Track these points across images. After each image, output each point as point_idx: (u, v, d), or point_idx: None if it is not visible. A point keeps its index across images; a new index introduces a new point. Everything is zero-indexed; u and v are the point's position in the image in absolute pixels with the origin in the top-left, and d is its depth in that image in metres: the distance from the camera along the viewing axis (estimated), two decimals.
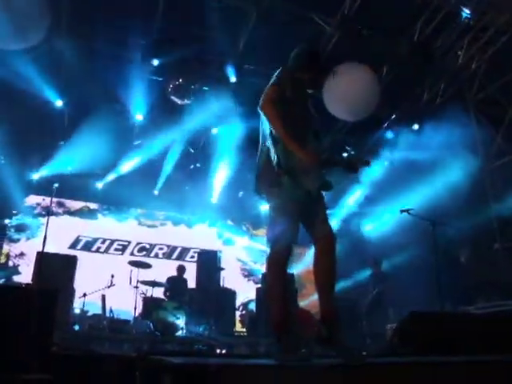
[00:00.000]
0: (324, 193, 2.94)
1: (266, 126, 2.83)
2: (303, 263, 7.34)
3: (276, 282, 2.75)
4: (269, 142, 2.80)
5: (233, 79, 7.90)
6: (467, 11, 6.74)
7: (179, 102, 7.93)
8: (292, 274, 7.17)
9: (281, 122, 2.67)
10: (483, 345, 3.46)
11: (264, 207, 11.30)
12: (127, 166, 9.75)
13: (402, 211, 5.66)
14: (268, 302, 2.82)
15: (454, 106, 7.46)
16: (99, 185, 10.36)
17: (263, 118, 2.82)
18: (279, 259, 2.76)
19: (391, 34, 7.25)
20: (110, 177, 10.07)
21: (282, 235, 2.73)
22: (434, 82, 8.20)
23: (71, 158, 9.48)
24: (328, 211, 2.93)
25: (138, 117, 8.67)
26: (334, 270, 2.78)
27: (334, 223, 8.53)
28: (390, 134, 9.01)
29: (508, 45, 7.07)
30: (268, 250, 2.83)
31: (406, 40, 7.32)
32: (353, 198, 9.95)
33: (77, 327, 6.77)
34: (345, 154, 7.15)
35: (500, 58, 7.26)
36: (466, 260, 6.92)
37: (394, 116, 8.62)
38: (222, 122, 9.01)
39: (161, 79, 8.03)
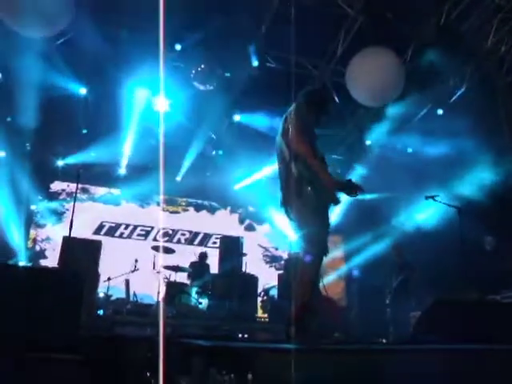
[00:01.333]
0: None
1: (283, 148, 3.32)
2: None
3: (309, 286, 3.11)
4: (288, 159, 3.26)
5: (255, 63, 7.85)
6: None
7: (201, 87, 7.92)
8: None
9: (315, 158, 3.17)
10: (508, 333, 3.41)
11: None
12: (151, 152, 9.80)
13: (427, 197, 5.59)
14: (296, 297, 3.11)
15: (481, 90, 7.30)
16: (123, 171, 10.47)
17: (281, 141, 3.34)
18: (318, 265, 3.16)
19: (416, 16, 7.08)
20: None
21: (320, 236, 3.18)
22: (460, 66, 7.99)
23: (95, 145, 9.60)
24: None
25: (162, 103, 8.68)
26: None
27: None
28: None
29: None
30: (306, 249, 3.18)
31: (431, 23, 7.15)
32: None
33: (101, 312, 6.89)
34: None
35: None
36: (491, 248, 6.79)
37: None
38: (244, 109, 8.99)
39: (183, 65, 8.02)
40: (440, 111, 8.45)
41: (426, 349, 2.62)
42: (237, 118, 9.31)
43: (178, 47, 7.52)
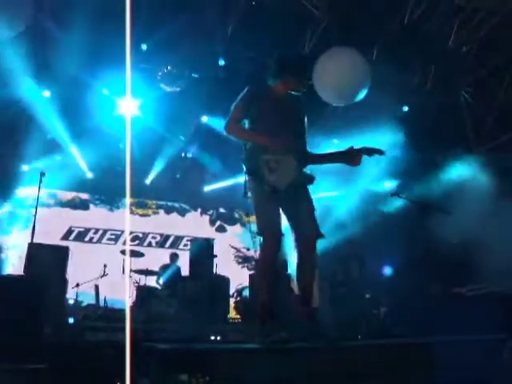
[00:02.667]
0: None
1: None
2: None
3: (264, 273, 2.99)
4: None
5: (221, 63, 7.84)
6: None
7: (168, 89, 7.87)
8: (285, 261, 7.20)
9: (243, 131, 3.09)
10: (471, 325, 3.50)
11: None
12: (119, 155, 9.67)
13: (392, 194, 5.68)
14: (257, 288, 2.96)
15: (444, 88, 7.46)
16: (90, 175, 10.30)
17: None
18: (267, 252, 2.95)
19: (381, 16, 7.19)
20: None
21: (265, 230, 2.95)
22: (424, 64, 8.16)
23: (61, 148, 9.42)
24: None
25: (129, 106, 8.57)
26: (315, 271, 3.05)
27: None
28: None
29: (499, 26, 7.04)
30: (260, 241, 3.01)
31: (395, 22, 7.28)
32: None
33: (71, 320, 6.76)
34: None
35: (491, 39, 7.23)
36: (457, 241, 6.95)
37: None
38: (211, 110, 8.97)
39: (149, 67, 7.95)
40: (405, 108, 8.59)
41: (394, 343, 2.67)
42: (204, 119, 9.27)
43: (143, 47, 7.43)
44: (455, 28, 7.35)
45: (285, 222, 3.08)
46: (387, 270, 8.61)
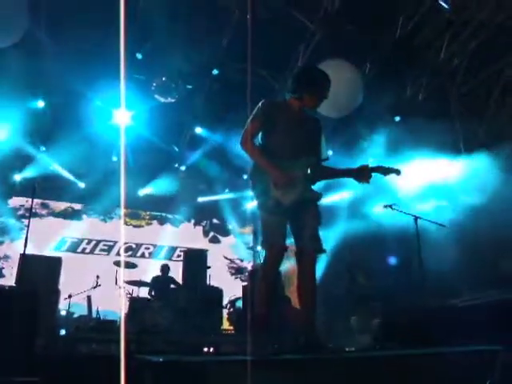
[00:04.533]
0: None
1: None
2: (291, 260, 7.33)
3: (264, 286, 2.99)
4: None
5: (215, 72, 7.89)
6: (447, 6, 6.79)
7: (163, 100, 7.89)
8: (279, 272, 7.19)
9: (254, 151, 3.04)
10: (466, 336, 3.51)
11: (250, 205, 11.37)
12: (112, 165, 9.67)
13: (385, 206, 5.71)
14: (256, 300, 3.01)
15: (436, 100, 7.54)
16: (82, 185, 10.28)
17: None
18: (269, 265, 3.00)
19: (373, 29, 7.28)
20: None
21: (268, 243, 3.00)
22: (416, 77, 8.26)
23: (54, 158, 9.41)
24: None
25: (123, 115, 8.58)
26: (315, 284, 3.06)
27: None
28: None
29: (490, 39, 7.14)
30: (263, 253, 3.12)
31: (388, 36, 7.37)
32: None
33: (63, 331, 6.70)
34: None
35: (482, 52, 7.33)
36: (451, 254, 6.98)
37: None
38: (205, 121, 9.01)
39: (144, 77, 7.98)
40: (397, 118, 8.66)
41: (383, 356, 2.67)
42: (198, 130, 9.29)
43: (138, 56, 7.45)
44: (446, 41, 7.45)
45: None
46: (392, 260, 8.55)
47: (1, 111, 7.72)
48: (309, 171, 3.13)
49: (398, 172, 3.25)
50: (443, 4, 6.77)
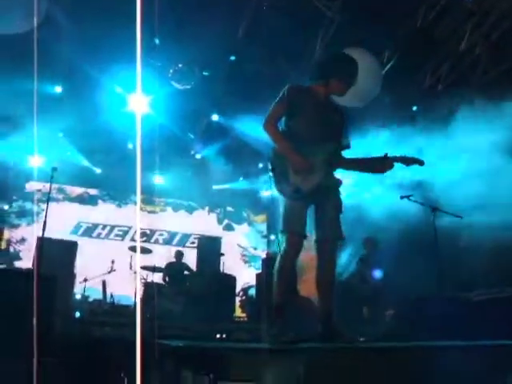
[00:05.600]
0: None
1: None
2: (305, 249, 7.30)
3: (283, 273, 2.94)
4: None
5: (232, 58, 7.84)
6: None
7: (179, 86, 7.88)
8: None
9: (275, 134, 3.03)
10: (480, 330, 3.48)
11: (265, 193, 11.35)
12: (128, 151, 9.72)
13: (402, 197, 5.66)
14: (274, 288, 2.95)
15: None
16: (98, 170, 10.36)
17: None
18: (288, 251, 2.93)
19: (393, 18, 7.17)
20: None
21: (287, 229, 2.95)
22: (436, 67, 8.12)
23: (72, 143, 9.48)
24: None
25: (140, 101, 8.58)
26: (335, 272, 3.05)
27: None
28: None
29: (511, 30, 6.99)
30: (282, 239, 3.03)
31: (408, 25, 7.25)
32: None
33: (78, 314, 6.81)
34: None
35: (503, 42, 7.18)
36: (466, 246, 6.91)
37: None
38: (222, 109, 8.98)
39: (161, 64, 7.96)
40: (414, 108, 8.56)
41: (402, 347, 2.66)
42: (215, 117, 9.27)
43: (156, 41, 7.42)
44: (468, 32, 7.31)
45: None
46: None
47: (18, 97, 7.77)
48: (330, 158, 3.06)
49: (421, 162, 3.20)
50: None
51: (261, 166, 10.35)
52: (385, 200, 7.33)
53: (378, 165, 3.17)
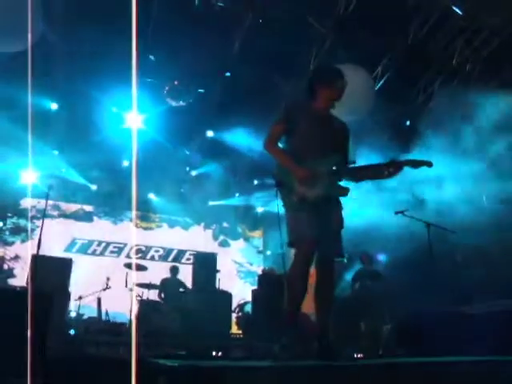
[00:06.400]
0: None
1: None
2: None
3: (293, 285, 2.92)
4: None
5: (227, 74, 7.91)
6: (460, 12, 6.77)
7: (174, 103, 7.92)
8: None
9: (277, 152, 3.09)
10: (478, 344, 3.47)
11: (260, 209, 11.34)
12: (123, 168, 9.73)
13: (396, 212, 5.68)
14: (287, 293, 2.96)
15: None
16: (94, 187, 10.34)
17: None
18: (299, 263, 2.91)
19: (386, 35, 7.27)
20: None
21: (297, 241, 2.94)
22: (428, 83, 8.22)
23: (67, 160, 9.48)
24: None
25: (135, 119, 8.61)
26: (333, 289, 3.06)
27: None
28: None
29: (502, 46, 7.10)
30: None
31: (400, 41, 7.36)
32: None
33: (72, 332, 6.74)
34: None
35: (494, 58, 7.30)
36: (462, 260, 6.93)
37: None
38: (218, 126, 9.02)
39: (156, 81, 8.01)
40: (407, 122, 8.66)
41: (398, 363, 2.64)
42: (210, 134, 9.30)
43: (151, 57, 7.47)
44: (459, 48, 7.42)
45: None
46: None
47: (15, 113, 7.78)
48: (335, 168, 3.04)
49: (429, 164, 3.12)
50: (456, 9, 6.75)
51: (256, 182, 10.37)
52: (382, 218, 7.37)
53: (386, 170, 3.10)
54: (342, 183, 3.11)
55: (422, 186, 7.17)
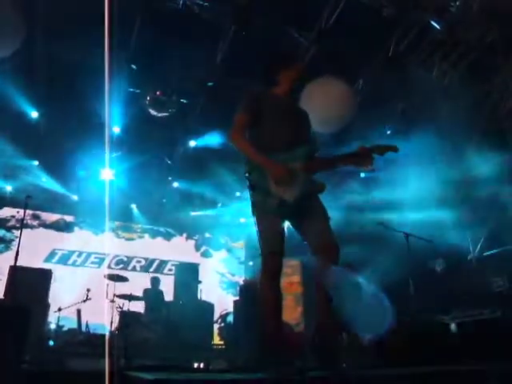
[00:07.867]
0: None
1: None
2: (283, 275, 7.29)
3: (269, 296, 2.70)
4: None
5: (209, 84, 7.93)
6: (438, 27, 6.92)
7: (157, 114, 7.91)
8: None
9: (243, 144, 2.79)
10: (458, 354, 3.51)
11: (242, 220, 11.34)
12: (104, 178, 9.65)
13: (378, 224, 5.74)
14: (262, 315, 2.73)
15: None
16: (75, 197, 10.23)
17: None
18: (269, 273, 2.71)
19: (367, 48, 7.38)
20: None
21: (265, 249, 2.71)
22: (408, 95, 8.35)
23: (47, 169, 9.37)
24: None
25: (116, 129, 8.57)
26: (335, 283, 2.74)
27: None
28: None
29: (479, 60, 7.27)
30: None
31: (381, 54, 7.49)
32: None
33: (51, 343, 6.63)
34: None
35: (472, 72, 7.46)
36: (440, 270, 7.01)
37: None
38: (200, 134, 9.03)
39: (138, 91, 8.00)
40: (388, 132, 8.78)
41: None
42: (192, 143, 9.28)
43: (133, 67, 7.46)
44: (437, 60, 7.57)
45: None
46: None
47: None
48: (307, 162, 2.80)
49: (395, 149, 2.95)
50: (435, 24, 6.90)
51: (238, 194, 10.36)
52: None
53: (357, 159, 2.94)
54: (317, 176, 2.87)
55: None
